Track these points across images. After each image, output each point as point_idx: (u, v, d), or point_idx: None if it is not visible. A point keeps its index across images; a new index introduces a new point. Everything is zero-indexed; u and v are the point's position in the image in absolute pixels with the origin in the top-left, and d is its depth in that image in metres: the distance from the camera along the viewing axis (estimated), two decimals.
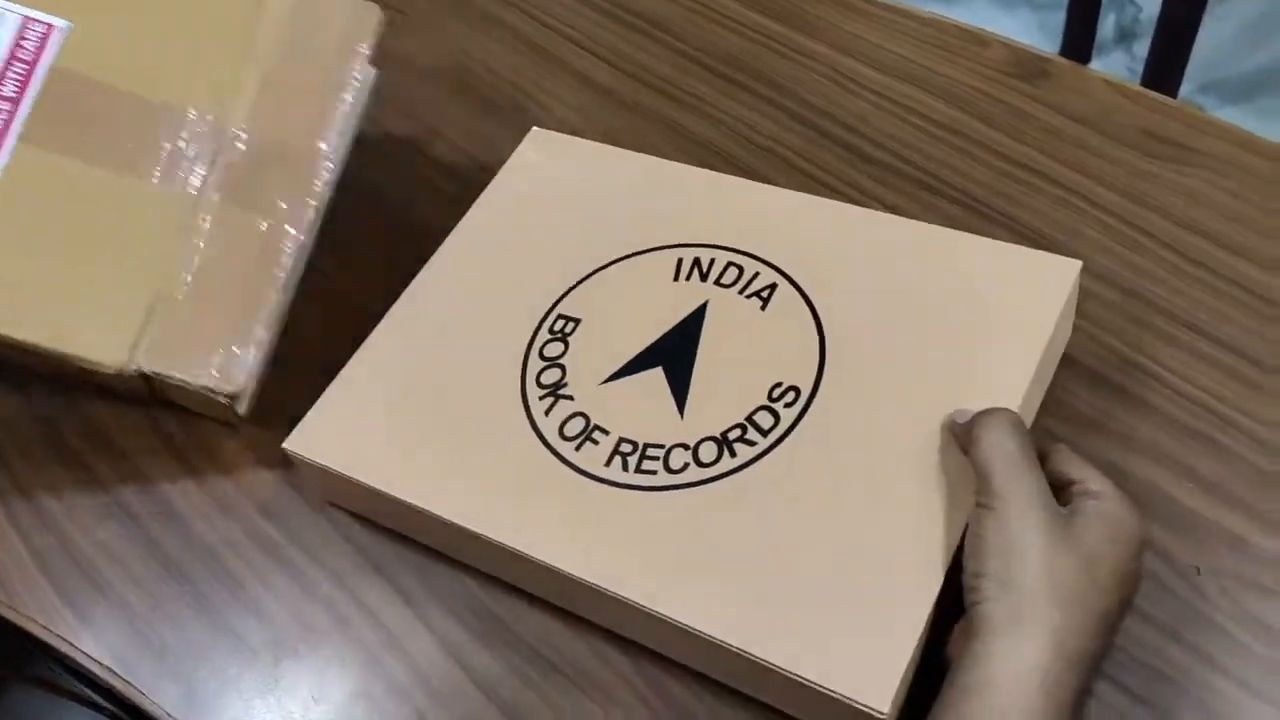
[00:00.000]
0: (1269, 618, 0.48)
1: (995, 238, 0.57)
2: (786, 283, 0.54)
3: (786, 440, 0.49)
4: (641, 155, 0.63)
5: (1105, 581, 0.41)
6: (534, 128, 0.66)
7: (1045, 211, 0.62)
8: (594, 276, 0.58)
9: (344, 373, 0.57)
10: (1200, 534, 0.50)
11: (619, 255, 0.58)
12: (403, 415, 0.55)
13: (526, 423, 0.53)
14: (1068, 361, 0.56)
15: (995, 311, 0.51)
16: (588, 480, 0.50)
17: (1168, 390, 0.55)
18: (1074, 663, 0.40)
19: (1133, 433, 0.54)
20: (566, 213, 0.61)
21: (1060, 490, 0.44)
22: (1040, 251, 0.53)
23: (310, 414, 0.56)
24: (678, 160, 0.63)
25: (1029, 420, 0.52)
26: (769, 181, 0.64)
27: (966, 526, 0.44)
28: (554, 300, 0.57)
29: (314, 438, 0.55)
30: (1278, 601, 0.48)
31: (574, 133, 0.69)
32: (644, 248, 0.58)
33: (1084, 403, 0.55)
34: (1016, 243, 0.55)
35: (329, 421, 0.56)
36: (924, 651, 0.44)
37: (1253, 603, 0.48)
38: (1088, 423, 0.54)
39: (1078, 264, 0.52)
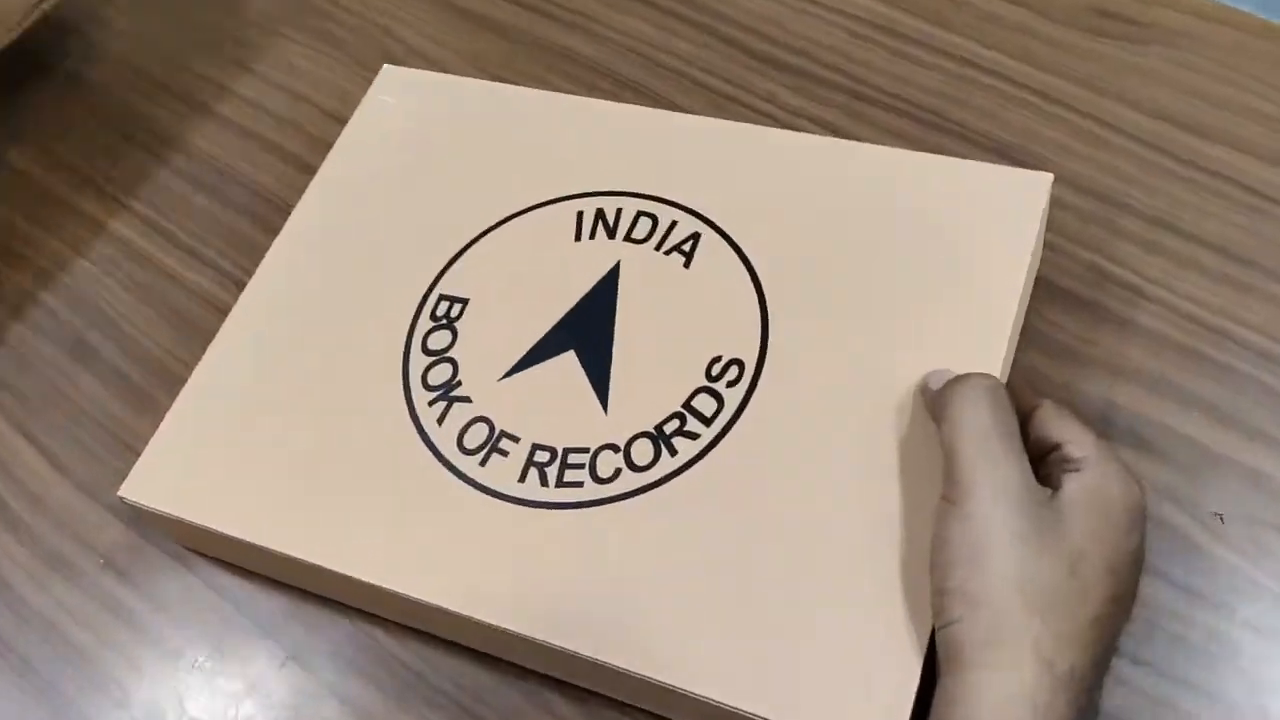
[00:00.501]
0: None
1: (941, 149, 0.49)
2: (711, 231, 0.45)
3: (735, 427, 0.41)
4: (519, 88, 0.54)
5: (1095, 578, 0.34)
6: (386, 64, 0.56)
7: (993, 111, 0.54)
8: (478, 244, 0.48)
9: (184, 394, 0.47)
10: (1216, 473, 0.44)
11: (506, 214, 0.48)
12: (261, 441, 0.45)
13: (416, 435, 0.43)
14: (1041, 285, 0.49)
15: (961, 245, 0.43)
16: (499, 502, 0.41)
17: (1155, 305, 0.48)
18: (1065, 683, 0.33)
19: (1122, 360, 0.47)
20: (437, 167, 0.51)
21: (1042, 460, 0.37)
22: (1003, 167, 0.45)
23: (148, 450, 0.46)
24: (563, 90, 0.55)
25: (1008, 362, 0.44)
26: (674, 107, 0.56)
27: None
28: (433, 278, 0.47)
29: (155, 479, 0.45)
30: None
31: (436, 66, 0.59)
32: (535, 202, 0.48)
33: (1064, 331, 0.48)
34: (966, 153, 0.47)
35: (172, 457, 0.45)
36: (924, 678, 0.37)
37: None
38: (1070, 353, 0.47)
39: (1048, 178, 0.44)
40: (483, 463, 0.42)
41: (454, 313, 0.46)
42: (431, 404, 0.44)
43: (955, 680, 0.33)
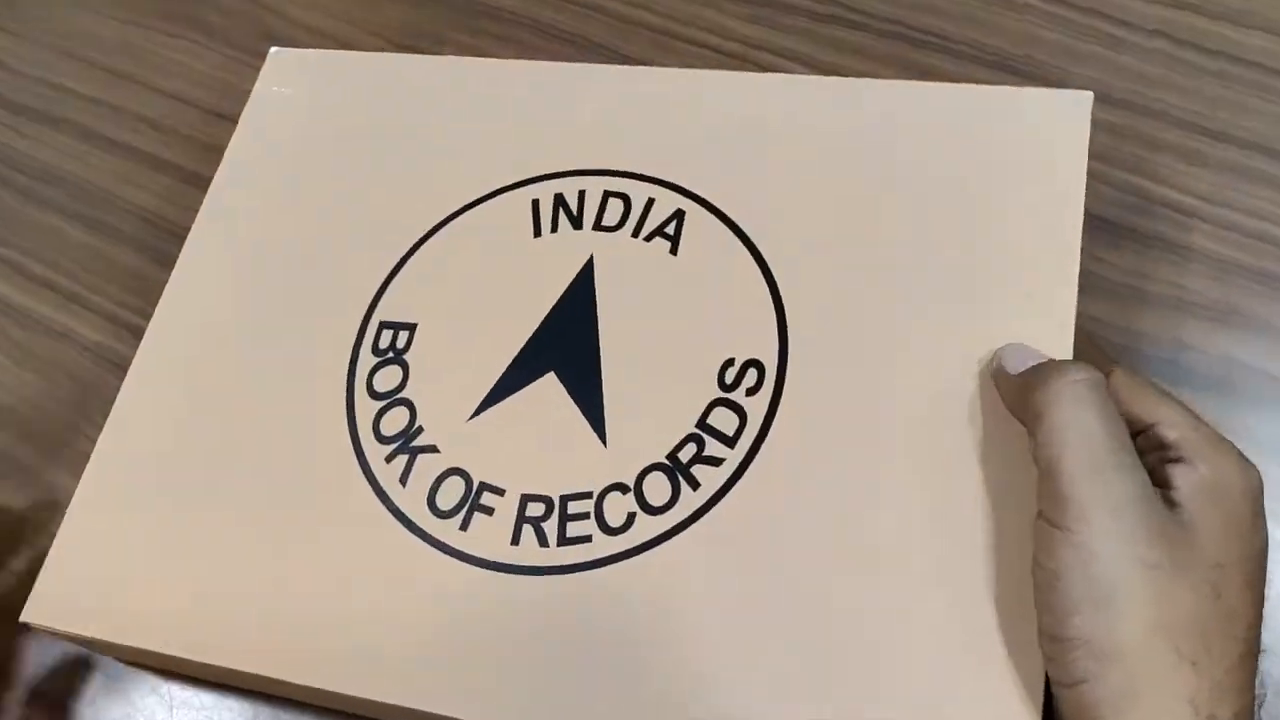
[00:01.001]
0: None
1: (932, 70, 0.43)
2: (697, 206, 0.38)
3: (764, 445, 0.34)
4: (435, 57, 0.47)
5: (1238, 596, 0.28)
6: (273, 48, 0.47)
7: (984, 18, 0.47)
8: (418, 254, 0.40)
9: (86, 479, 0.39)
10: None
11: (447, 214, 0.40)
12: (187, 530, 0.37)
13: (375, 499, 0.36)
14: None
15: (1000, 189, 0.36)
16: (490, 573, 0.34)
17: (1209, 225, 0.43)
18: None
19: (1183, 292, 0.41)
20: (353, 165, 0.43)
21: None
22: (1030, 89, 0.39)
23: (49, 563, 0.38)
24: (486, 53, 0.48)
25: None
26: (616, 54, 0.48)
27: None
28: (369, 303, 0.39)
29: (62, 596, 0.37)
30: None
31: (329, 42, 0.52)
32: (480, 195, 0.40)
33: (1112, 267, 0.42)
34: (960, 71, 0.41)
35: (79, 565, 0.37)
36: None
37: None
38: (1122, 293, 0.41)
39: (1088, 96, 0.37)
40: (463, 526, 0.35)
41: (400, 342, 0.38)
42: (389, 459, 0.36)
43: None
